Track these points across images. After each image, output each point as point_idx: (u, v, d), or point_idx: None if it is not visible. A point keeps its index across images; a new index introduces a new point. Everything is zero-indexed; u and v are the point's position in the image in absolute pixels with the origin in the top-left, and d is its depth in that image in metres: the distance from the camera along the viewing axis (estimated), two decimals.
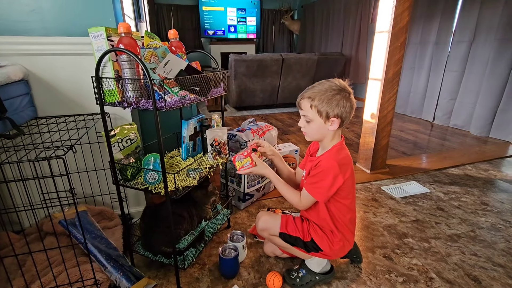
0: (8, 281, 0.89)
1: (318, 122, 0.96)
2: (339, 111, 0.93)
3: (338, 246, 1.05)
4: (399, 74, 1.87)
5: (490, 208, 1.61)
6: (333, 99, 0.92)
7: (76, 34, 1.21)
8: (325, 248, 1.04)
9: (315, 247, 1.04)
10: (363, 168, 2.12)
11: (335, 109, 0.92)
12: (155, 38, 1.06)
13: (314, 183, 0.97)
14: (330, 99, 0.92)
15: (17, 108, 1.08)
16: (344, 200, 1.01)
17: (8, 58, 1.13)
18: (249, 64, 3.60)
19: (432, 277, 1.13)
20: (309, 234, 1.05)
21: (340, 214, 1.03)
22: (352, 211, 1.06)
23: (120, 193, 1.06)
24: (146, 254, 1.12)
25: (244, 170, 1.06)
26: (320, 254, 1.05)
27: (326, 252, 1.04)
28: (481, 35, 2.80)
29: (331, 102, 0.92)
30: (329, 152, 0.99)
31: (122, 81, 0.89)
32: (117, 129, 1.04)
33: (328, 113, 0.93)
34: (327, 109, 0.92)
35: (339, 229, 1.04)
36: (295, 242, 1.06)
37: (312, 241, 1.04)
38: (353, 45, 4.56)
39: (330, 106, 0.92)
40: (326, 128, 0.96)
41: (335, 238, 1.04)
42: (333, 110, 0.92)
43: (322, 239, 1.04)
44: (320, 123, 0.96)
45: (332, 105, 0.92)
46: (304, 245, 1.05)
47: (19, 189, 1.23)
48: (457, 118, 3.14)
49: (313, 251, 1.05)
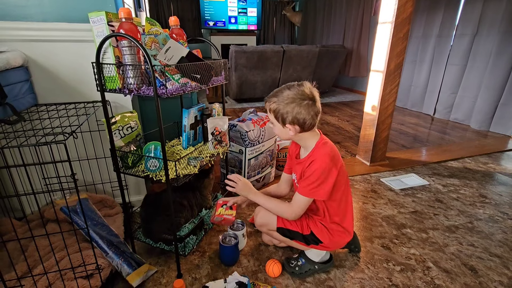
0: (11, 265, 0.90)
1: (278, 126, 0.99)
2: (293, 118, 0.93)
3: (338, 238, 1.06)
4: (401, 66, 1.86)
5: (488, 201, 1.62)
6: (287, 107, 0.93)
7: (76, 20, 1.19)
8: (325, 240, 1.04)
9: (314, 240, 1.05)
10: (362, 160, 2.12)
11: (289, 115, 0.93)
12: (156, 24, 1.04)
13: (312, 183, 0.95)
14: (285, 106, 0.94)
15: (17, 95, 1.07)
16: (337, 192, 1.01)
17: (7, 44, 1.12)
18: (250, 55, 3.57)
19: (429, 266, 1.14)
20: (308, 227, 1.05)
21: (335, 205, 1.03)
22: (347, 201, 1.07)
23: (121, 180, 1.06)
24: (147, 241, 1.13)
25: (218, 219, 1.05)
26: (320, 246, 1.06)
27: (326, 243, 1.05)
28: (484, 28, 2.78)
29: (285, 108, 0.93)
30: (316, 150, 1.00)
31: (123, 67, 0.88)
32: (118, 117, 1.03)
33: (284, 119, 0.95)
34: (283, 115, 0.94)
35: (337, 221, 1.05)
36: (293, 236, 1.06)
37: (312, 234, 1.05)
38: (355, 37, 4.52)
39: (285, 113, 0.94)
40: (287, 132, 0.98)
41: (335, 230, 1.05)
42: (287, 116, 0.94)
43: (322, 232, 1.04)
44: (279, 127, 0.98)
45: (287, 111, 0.93)
46: (304, 239, 1.05)
47: (20, 175, 1.24)
48: (458, 112, 3.13)
49: (313, 244, 1.06)
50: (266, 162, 1.69)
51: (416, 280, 1.08)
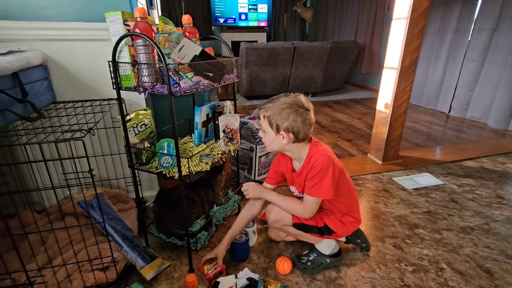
0: (33, 256, 0.94)
1: (270, 134, 0.97)
2: (288, 125, 0.93)
3: (351, 227, 1.10)
4: (416, 62, 1.81)
5: (506, 202, 1.57)
6: (283, 114, 0.92)
7: (92, 19, 1.22)
8: (338, 230, 1.08)
9: (328, 231, 1.08)
10: (374, 158, 2.09)
11: (284, 122, 0.93)
12: (169, 23, 1.06)
13: (316, 183, 0.96)
14: (280, 113, 0.93)
15: (37, 93, 1.11)
16: (342, 191, 1.04)
17: (27, 43, 1.16)
18: (260, 52, 3.56)
19: (443, 268, 1.12)
20: (322, 220, 1.08)
21: (343, 200, 1.07)
22: (353, 195, 1.11)
23: (135, 176, 1.08)
24: (160, 236, 1.16)
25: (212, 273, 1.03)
26: (333, 236, 1.10)
27: (339, 233, 1.09)
28: (505, 22, 2.67)
29: (281, 116, 0.93)
30: (312, 151, 0.99)
31: (138, 66, 0.90)
32: (133, 114, 1.06)
33: (278, 126, 0.94)
34: (277, 122, 0.94)
35: (347, 212, 1.09)
36: (309, 229, 1.08)
37: (326, 226, 1.07)
38: (368, 33, 4.43)
39: (280, 119, 0.93)
40: (279, 141, 0.97)
41: (347, 221, 1.09)
42: (282, 123, 0.93)
43: (335, 223, 1.08)
44: (272, 135, 0.97)
45: (282, 119, 0.93)
46: (319, 231, 1.08)
47: (39, 170, 1.28)
48: (475, 110, 3.04)
49: (327, 234, 1.09)
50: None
51: (429, 281, 1.06)
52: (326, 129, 2.84)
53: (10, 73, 0.92)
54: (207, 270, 1.03)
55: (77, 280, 0.92)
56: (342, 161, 1.71)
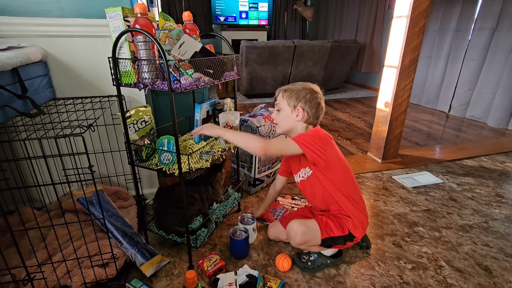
0: (33, 252, 0.94)
1: (286, 111, 1.06)
2: (305, 103, 1.03)
3: (366, 223, 1.10)
4: (416, 61, 1.81)
5: (505, 200, 1.58)
6: (301, 93, 1.04)
7: (92, 16, 1.21)
8: (358, 232, 1.06)
9: (351, 238, 1.06)
10: (374, 157, 2.09)
11: (301, 100, 1.03)
12: (170, 20, 1.05)
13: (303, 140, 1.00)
14: (299, 92, 1.04)
15: (37, 89, 1.11)
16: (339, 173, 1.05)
17: (27, 39, 1.16)
18: (261, 51, 3.55)
19: (441, 265, 1.13)
20: (346, 228, 1.05)
21: (343, 187, 1.06)
22: (353, 185, 1.10)
23: (135, 173, 1.08)
24: (159, 233, 1.16)
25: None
26: (354, 240, 1.08)
27: (358, 236, 1.07)
28: (506, 21, 2.67)
29: (299, 94, 1.04)
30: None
31: (138, 62, 0.90)
32: (133, 111, 1.05)
33: (295, 103, 1.04)
34: (295, 99, 1.04)
35: (355, 206, 1.07)
36: (336, 243, 1.05)
37: (350, 233, 1.05)
38: (368, 32, 4.42)
39: (297, 97, 1.04)
40: (293, 118, 1.05)
41: (361, 216, 1.07)
42: (299, 101, 1.04)
43: (355, 227, 1.05)
44: (288, 112, 1.06)
45: (300, 96, 1.04)
46: (344, 240, 1.05)
47: (39, 167, 1.28)
48: (475, 109, 3.04)
49: (349, 242, 1.07)
50: (277, 158, 1.69)
51: (428, 278, 1.07)
52: (326, 127, 2.84)
53: (10, 69, 0.92)
54: (206, 266, 1.03)
55: (77, 276, 0.92)
56: None
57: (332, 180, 1.05)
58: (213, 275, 1.02)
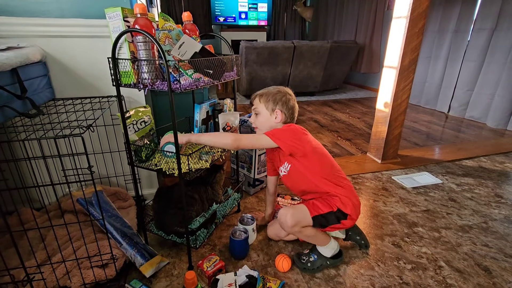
0: (32, 253, 0.93)
1: (265, 114, 1.12)
2: (282, 105, 1.10)
3: (356, 200, 1.08)
4: (415, 62, 1.82)
5: (504, 201, 1.58)
6: (277, 95, 1.11)
7: (92, 16, 1.21)
8: (349, 208, 1.04)
9: (343, 214, 1.04)
10: (374, 157, 2.10)
11: (278, 102, 1.10)
12: (169, 20, 1.06)
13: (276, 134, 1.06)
14: (275, 95, 1.11)
15: (36, 89, 1.11)
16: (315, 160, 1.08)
17: (27, 39, 1.15)
18: (260, 51, 3.55)
19: (441, 266, 1.13)
20: (334, 205, 1.04)
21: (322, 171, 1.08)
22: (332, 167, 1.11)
23: (135, 173, 1.08)
24: (159, 234, 1.16)
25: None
26: (349, 220, 1.06)
27: (352, 214, 1.05)
28: (504, 22, 2.68)
29: (275, 97, 1.11)
30: None
31: (138, 63, 0.90)
32: (132, 111, 1.05)
33: (273, 105, 1.10)
34: (272, 103, 1.11)
35: (339, 185, 1.07)
36: (328, 221, 1.04)
37: (339, 209, 1.04)
38: (368, 33, 4.43)
39: (274, 100, 1.11)
40: (272, 120, 1.11)
41: (346, 193, 1.06)
42: (277, 103, 1.10)
43: (343, 204, 1.04)
44: (266, 115, 1.12)
45: (277, 99, 1.11)
46: (337, 218, 1.04)
47: (38, 167, 1.28)
48: (474, 110, 3.04)
49: (343, 219, 1.05)
50: None
51: (428, 279, 1.07)
52: (325, 128, 2.84)
53: (9, 69, 0.91)
54: (206, 267, 1.03)
55: (76, 277, 0.91)
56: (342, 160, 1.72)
57: (310, 167, 1.07)
58: (213, 275, 1.02)
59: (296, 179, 1.12)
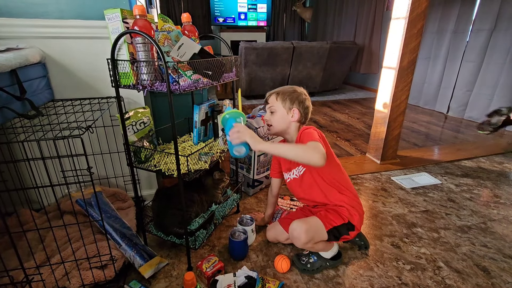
0: (31, 254, 0.93)
1: (281, 112, 1.09)
2: (299, 103, 1.09)
3: (361, 209, 1.10)
4: (414, 62, 1.82)
5: (503, 201, 1.58)
6: (294, 94, 1.10)
7: (91, 17, 1.22)
8: (355, 219, 1.06)
9: (352, 226, 1.06)
10: (373, 158, 2.10)
11: (295, 101, 1.09)
12: (168, 21, 1.06)
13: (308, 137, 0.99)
14: (291, 93, 1.10)
15: (35, 90, 1.11)
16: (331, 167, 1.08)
17: (26, 40, 1.15)
18: (260, 52, 3.56)
19: (440, 266, 1.13)
20: (344, 215, 1.06)
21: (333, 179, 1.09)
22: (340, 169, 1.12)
23: (134, 174, 1.08)
24: (158, 234, 1.16)
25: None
26: (355, 230, 1.08)
27: (356, 224, 1.07)
28: (503, 23, 2.68)
29: (292, 96, 1.09)
30: (300, 133, 1.08)
31: (137, 64, 0.90)
32: (131, 112, 1.05)
33: (290, 105, 1.09)
34: (289, 101, 1.09)
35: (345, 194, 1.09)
36: (341, 233, 1.05)
37: (349, 222, 1.06)
38: (367, 33, 4.44)
39: (291, 99, 1.09)
40: (288, 118, 1.09)
41: (352, 203, 1.08)
42: (293, 102, 1.09)
43: (351, 214, 1.06)
44: (283, 113, 1.09)
45: (294, 98, 1.09)
46: (347, 229, 1.06)
47: (38, 168, 1.28)
48: (473, 110, 3.05)
49: (351, 230, 1.07)
50: None
51: (427, 279, 1.07)
52: (325, 128, 2.84)
53: (8, 70, 0.91)
54: (205, 268, 1.03)
55: (75, 278, 0.92)
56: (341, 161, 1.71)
57: (324, 175, 1.08)
58: (212, 276, 1.02)
59: (306, 185, 1.11)
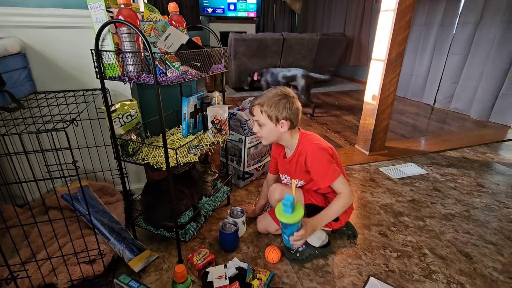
0: (15, 251, 0.91)
1: (270, 126, 1.05)
2: (286, 114, 1.02)
3: (350, 209, 1.14)
4: (402, 54, 1.84)
5: (485, 190, 1.64)
6: (280, 103, 1.01)
7: (73, 6, 1.17)
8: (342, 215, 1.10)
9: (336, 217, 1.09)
10: (361, 149, 2.13)
11: (282, 112, 1.01)
12: (155, 11, 1.03)
13: (324, 172, 1.03)
14: (277, 103, 1.01)
15: (16, 82, 1.06)
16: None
17: (4, 30, 1.10)
18: (249, 43, 3.52)
19: (425, 253, 1.17)
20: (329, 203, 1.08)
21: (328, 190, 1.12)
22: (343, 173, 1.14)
23: (122, 168, 1.06)
24: (148, 228, 1.15)
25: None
26: (338, 223, 1.14)
27: (341, 220, 1.12)
28: (488, 16, 2.73)
29: (278, 106, 1.01)
30: (302, 143, 1.08)
31: (123, 55, 0.87)
32: (118, 105, 1.03)
33: (277, 116, 1.02)
34: (276, 113, 1.02)
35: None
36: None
37: None
38: (356, 25, 4.45)
39: (277, 110, 1.01)
40: (278, 130, 1.05)
41: None
42: (281, 113, 1.01)
43: None
44: (271, 126, 1.05)
45: (279, 108, 1.01)
46: None
47: (21, 163, 1.24)
48: (458, 102, 3.12)
49: (333, 221, 1.10)
50: (266, 151, 1.69)
51: (412, 266, 1.10)
52: (314, 120, 2.86)
53: None
54: (196, 260, 1.03)
55: (63, 273, 0.90)
56: None
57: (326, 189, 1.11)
58: (203, 268, 1.03)
59: (303, 189, 1.15)
